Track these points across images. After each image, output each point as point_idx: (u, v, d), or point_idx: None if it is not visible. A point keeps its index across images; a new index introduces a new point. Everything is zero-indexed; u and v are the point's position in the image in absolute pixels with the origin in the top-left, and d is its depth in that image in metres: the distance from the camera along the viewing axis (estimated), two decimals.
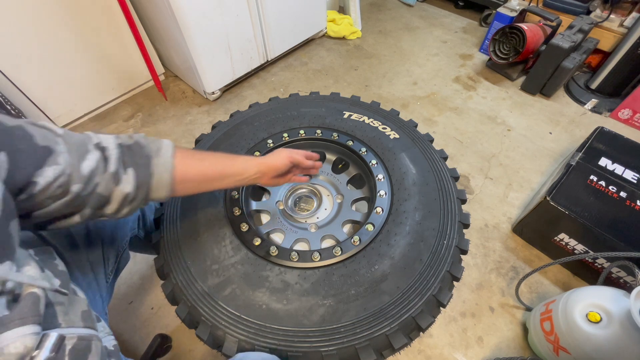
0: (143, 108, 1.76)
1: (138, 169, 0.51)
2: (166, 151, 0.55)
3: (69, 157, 0.43)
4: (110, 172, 0.48)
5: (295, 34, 1.94)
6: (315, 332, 0.63)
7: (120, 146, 0.50)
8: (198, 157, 0.61)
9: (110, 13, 1.49)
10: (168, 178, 0.54)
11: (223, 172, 0.63)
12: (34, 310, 0.36)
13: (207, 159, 0.62)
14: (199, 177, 0.60)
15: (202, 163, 0.60)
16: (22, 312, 0.35)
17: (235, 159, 0.67)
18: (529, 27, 1.64)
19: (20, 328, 0.34)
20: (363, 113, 1.00)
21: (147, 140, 0.54)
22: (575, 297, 0.83)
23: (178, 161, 0.55)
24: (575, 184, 1.07)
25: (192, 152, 0.61)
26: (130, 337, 1.03)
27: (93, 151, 0.47)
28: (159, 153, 0.54)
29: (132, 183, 0.50)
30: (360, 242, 0.73)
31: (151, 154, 0.53)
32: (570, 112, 1.70)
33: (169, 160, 0.54)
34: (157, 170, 0.53)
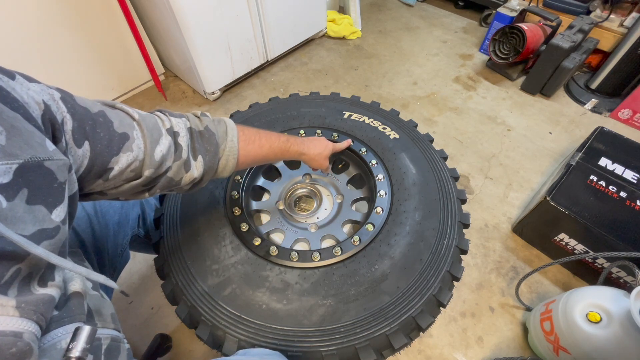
0: (143, 108, 1.74)
1: (207, 155, 0.53)
2: (232, 136, 0.57)
3: (143, 143, 0.45)
4: (183, 159, 0.50)
5: (295, 34, 1.94)
6: (315, 332, 0.63)
7: (191, 131, 0.52)
8: (258, 142, 0.63)
9: (110, 13, 1.49)
10: (233, 162, 0.57)
11: (278, 156, 0.69)
12: (80, 309, 0.39)
13: (265, 145, 0.64)
14: (258, 160, 0.65)
15: (262, 150, 0.63)
16: (71, 311, 0.38)
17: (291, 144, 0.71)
18: (529, 27, 1.64)
19: (69, 325, 0.37)
20: (363, 113, 1.00)
21: (215, 125, 0.56)
22: (575, 297, 0.83)
23: (242, 146, 0.59)
24: (575, 184, 1.07)
25: (252, 134, 0.63)
26: (130, 337, 1.03)
27: (165, 136, 0.48)
28: (226, 138, 0.56)
29: (200, 169, 0.53)
30: (360, 242, 0.73)
31: (219, 141, 0.55)
32: (570, 112, 1.70)
33: (235, 146, 0.57)
34: (225, 155, 0.56)
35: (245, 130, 0.62)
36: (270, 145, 0.65)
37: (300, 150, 0.73)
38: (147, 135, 0.45)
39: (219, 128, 0.56)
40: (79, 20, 1.43)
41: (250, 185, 0.92)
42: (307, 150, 0.75)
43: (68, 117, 0.37)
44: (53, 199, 0.33)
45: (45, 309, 0.32)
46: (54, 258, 0.31)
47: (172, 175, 0.49)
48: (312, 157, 0.77)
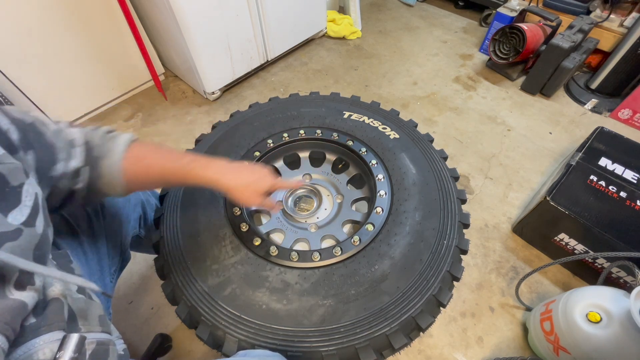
0: (143, 108, 1.76)
1: (90, 169, 0.51)
2: (117, 153, 0.53)
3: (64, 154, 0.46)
4: (77, 169, 0.49)
5: (295, 34, 1.94)
6: (315, 332, 0.63)
7: (85, 143, 0.51)
8: (147, 162, 0.56)
9: (111, 13, 1.49)
10: (117, 180, 0.54)
11: (175, 180, 0.60)
12: (59, 317, 0.37)
13: (155, 165, 0.57)
14: (149, 181, 0.59)
15: (150, 170, 0.57)
16: (48, 318, 0.36)
17: (194, 167, 0.59)
18: (529, 27, 1.64)
19: (48, 334, 0.35)
20: (363, 113, 1.00)
21: (102, 139, 0.53)
22: (575, 297, 0.83)
23: (127, 164, 0.53)
24: (575, 184, 1.07)
25: (145, 153, 0.57)
26: (130, 337, 1.03)
27: (75, 147, 0.49)
28: (109, 154, 0.53)
29: (84, 182, 0.51)
30: (360, 242, 0.73)
31: (101, 155, 0.52)
32: (570, 112, 1.70)
33: (116, 164, 0.53)
34: (105, 172, 0.52)
35: (141, 148, 0.57)
36: (162, 166, 0.57)
37: (207, 176, 0.59)
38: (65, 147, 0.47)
39: (107, 143, 0.53)
40: (79, 21, 1.43)
41: None
42: (222, 180, 0.59)
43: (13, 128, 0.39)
44: (6, 203, 0.33)
45: (12, 318, 0.31)
46: (18, 261, 0.30)
47: (69, 185, 0.50)
48: (232, 187, 0.60)
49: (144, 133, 1.64)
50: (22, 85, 1.40)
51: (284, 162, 1.01)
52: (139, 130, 1.65)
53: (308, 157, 1.02)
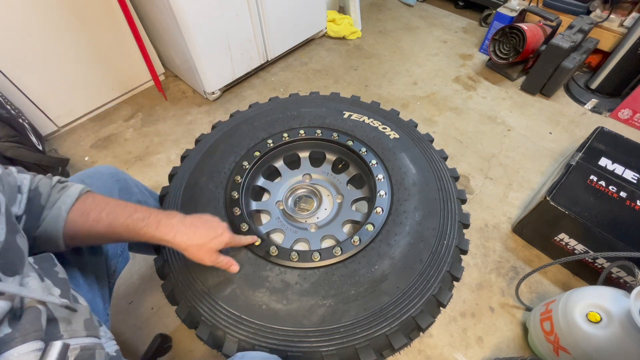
0: (143, 108, 1.76)
1: (29, 216, 0.49)
2: (63, 203, 0.51)
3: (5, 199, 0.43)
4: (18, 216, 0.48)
5: (295, 34, 1.94)
6: (315, 332, 0.63)
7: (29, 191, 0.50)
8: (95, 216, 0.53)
9: (111, 13, 1.49)
10: (58, 234, 0.51)
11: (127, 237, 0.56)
12: (36, 326, 0.35)
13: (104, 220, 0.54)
14: (95, 236, 0.55)
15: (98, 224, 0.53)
16: (23, 329, 0.34)
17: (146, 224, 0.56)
18: (529, 27, 1.64)
19: (22, 346, 0.34)
20: (363, 113, 1.00)
21: (50, 188, 0.52)
22: (575, 297, 0.83)
23: (73, 216, 0.51)
24: (575, 184, 1.07)
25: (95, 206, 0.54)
26: (130, 337, 1.03)
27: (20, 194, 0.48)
28: (56, 205, 0.51)
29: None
30: (360, 242, 0.73)
31: (45, 204, 0.51)
32: (570, 112, 1.70)
33: (61, 216, 0.51)
34: (45, 223, 0.50)
35: (91, 199, 0.54)
36: (109, 222, 0.54)
37: (158, 236, 0.56)
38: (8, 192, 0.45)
39: (53, 194, 0.51)
40: (79, 21, 1.43)
41: (250, 186, 0.92)
42: (172, 239, 0.57)
43: None
44: None
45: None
46: None
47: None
48: (184, 248, 0.58)
49: (144, 133, 1.64)
50: (22, 85, 1.40)
51: (284, 162, 1.01)
52: (139, 130, 1.65)
53: (308, 157, 1.02)
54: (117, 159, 1.54)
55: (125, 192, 0.77)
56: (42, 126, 1.54)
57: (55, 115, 1.57)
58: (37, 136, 1.37)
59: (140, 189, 0.85)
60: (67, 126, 1.66)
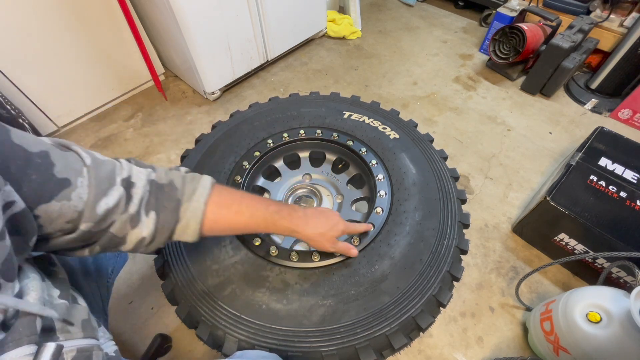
0: (143, 108, 1.76)
1: (163, 212, 0.48)
2: (200, 196, 0.51)
3: (87, 192, 0.41)
4: (130, 213, 0.45)
5: (295, 34, 1.94)
6: (315, 332, 0.63)
7: (151, 184, 0.48)
8: (235, 208, 0.55)
9: (111, 13, 1.49)
10: (196, 225, 0.51)
11: (261, 229, 0.59)
12: (30, 330, 0.35)
13: (245, 212, 0.56)
14: (233, 228, 0.57)
15: (239, 217, 0.55)
16: (16, 333, 0.33)
17: (281, 217, 0.60)
18: (529, 27, 1.64)
19: (14, 351, 0.33)
20: (363, 113, 1.00)
21: (184, 180, 0.51)
22: (575, 297, 0.83)
23: (211, 209, 0.52)
24: (575, 184, 1.07)
25: (230, 198, 0.55)
26: (130, 337, 1.03)
27: (117, 187, 0.44)
28: (192, 197, 0.51)
29: (150, 227, 0.47)
30: (360, 242, 0.73)
31: (182, 198, 0.50)
32: (570, 112, 1.70)
33: (200, 208, 0.51)
34: (186, 216, 0.50)
35: (225, 192, 0.55)
36: (251, 214, 0.57)
37: (291, 227, 0.61)
38: (94, 185, 0.42)
39: (187, 185, 0.51)
40: (79, 20, 1.43)
41: (250, 186, 0.92)
42: (302, 229, 0.62)
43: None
44: None
45: None
46: None
47: (115, 232, 0.45)
48: (310, 237, 0.64)
49: (144, 133, 1.64)
50: (22, 85, 1.40)
51: (284, 162, 1.01)
52: (139, 130, 1.65)
53: (308, 157, 1.02)
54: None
55: None
56: (42, 126, 1.54)
57: (55, 115, 1.57)
58: (37, 136, 1.37)
59: None
60: (67, 126, 1.66)
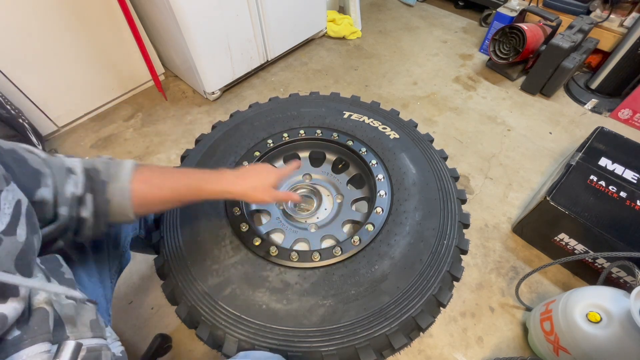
0: (143, 108, 1.76)
1: (95, 194, 0.51)
2: (124, 175, 0.54)
3: (54, 180, 0.45)
4: (77, 196, 0.49)
5: (295, 34, 1.94)
6: (315, 332, 0.63)
7: (85, 170, 0.51)
8: (157, 183, 0.57)
9: (111, 13, 1.49)
10: (126, 204, 0.53)
11: (189, 197, 0.60)
12: (44, 328, 0.36)
13: (166, 185, 0.58)
14: (162, 201, 0.59)
15: (162, 191, 0.58)
16: (32, 330, 0.35)
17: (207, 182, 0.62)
18: (529, 27, 1.64)
19: (31, 347, 0.34)
20: (363, 113, 1.00)
21: (106, 164, 0.54)
22: (575, 297, 0.83)
23: (136, 186, 0.54)
24: (575, 184, 1.07)
25: (153, 175, 0.58)
26: (130, 337, 1.03)
27: (69, 174, 0.48)
28: (116, 178, 0.53)
29: (89, 209, 0.50)
30: (360, 242, 0.73)
31: (108, 180, 0.52)
32: (570, 112, 1.70)
33: (126, 187, 0.53)
34: (114, 197, 0.52)
35: (147, 169, 0.58)
36: (173, 187, 0.59)
37: (222, 189, 0.63)
38: (56, 173, 0.46)
39: (110, 168, 0.54)
40: (79, 21, 1.43)
41: None
42: (233, 188, 0.64)
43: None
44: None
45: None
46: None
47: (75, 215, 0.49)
48: (244, 193, 0.65)
49: (144, 133, 1.64)
50: (22, 85, 1.40)
51: (284, 162, 1.01)
52: (139, 130, 1.65)
53: (308, 157, 1.02)
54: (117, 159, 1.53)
55: None
56: (42, 126, 1.54)
57: (55, 115, 1.57)
58: (37, 136, 1.37)
59: None
60: (67, 126, 1.66)
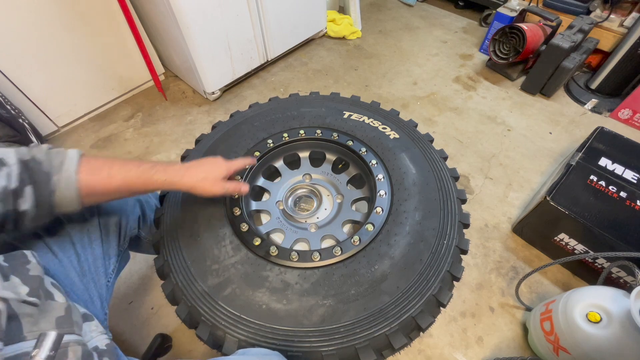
0: (143, 108, 1.76)
1: (37, 186, 0.50)
2: (69, 166, 0.53)
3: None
4: (11, 189, 0.47)
5: (295, 34, 1.94)
6: (315, 332, 0.63)
7: (20, 162, 0.49)
8: (106, 172, 0.56)
9: (111, 13, 1.49)
10: (73, 194, 0.52)
11: (139, 187, 0.60)
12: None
13: (117, 175, 0.57)
14: (110, 191, 0.58)
15: (112, 180, 0.57)
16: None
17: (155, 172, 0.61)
18: (529, 27, 1.64)
19: None
20: (363, 113, 1.00)
21: (48, 155, 0.52)
22: (575, 297, 0.83)
23: (83, 177, 0.53)
24: (575, 184, 1.07)
25: (100, 165, 0.57)
26: (130, 337, 1.03)
27: (5, 167, 0.47)
28: (61, 168, 0.52)
29: (29, 202, 0.49)
30: (360, 242, 0.73)
31: (51, 170, 0.51)
32: (570, 112, 1.70)
33: (72, 177, 0.52)
34: (60, 186, 0.51)
35: (93, 160, 0.57)
36: (124, 176, 0.58)
37: (168, 180, 0.63)
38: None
39: (54, 158, 0.52)
40: (79, 21, 1.43)
41: (250, 185, 0.92)
42: (180, 179, 0.64)
43: None
44: None
45: None
46: None
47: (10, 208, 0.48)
48: (192, 185, 0.65)
49: (144, 133, 1.64)
50: (22, 85, 1.40)
51: (284, 162, 1.01)
52: (139, 130, 1.65)
53: (308, 157, 1.02)
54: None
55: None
56: (42, 126, 1.54)
57: (55, 115, 1.57)
58: (37, 136, 1.37)
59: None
60: (67, 126, 1.66)
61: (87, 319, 0.55)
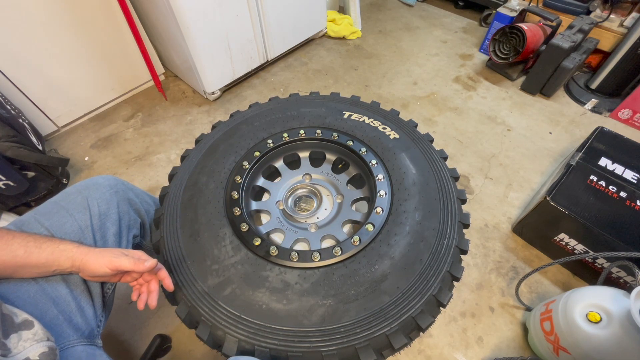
0: (143, 108, 1.76)
1: None
2: None
3: None
4: None
5: (295, 34, 1.94)
6: (315, 332, 0.63)
7: None
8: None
9: (111, 13, 1.49)
10: None
11: (24, 263, 0.56)
12: None
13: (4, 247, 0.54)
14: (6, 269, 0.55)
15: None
16: None
17: (45, 248, 0.57)
18: (529, 27, 1.64)
19: None
20: (363, 113, 1.00)
21: None
22: (575, 297, 0.83)
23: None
24: (575, 184, 1.07)
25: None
26: (130, 337, 1.03)
27: None
28: None
29: None
30: (360, 242, 0.73)
31: None
32: (570, 112, 1.70)
33: None
34: None
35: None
36: (17, 247, 0.55)
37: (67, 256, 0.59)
38: None
39: None
40: (79, 21, 1.43)
41: (250, 186, 0.92)
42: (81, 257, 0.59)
43: None
44: None
45: None
46: None
47: None
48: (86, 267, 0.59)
49: (144, 133, 1.64)
50: (22, 85, 1.40)
51: (284, 162, 1.01)
52: (139, 130, 1.65)
53: (308, 157, 1.02)
54: (117, 159, 1.54)
55: (125, 203, 0.78)
56: (42, 126, 1.54)
57: (55, 115, 1.57)
58: (37, 136, 1.37)
59: (141, 197, 0.86)
60: (67, 126, 1.66)
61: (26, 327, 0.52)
